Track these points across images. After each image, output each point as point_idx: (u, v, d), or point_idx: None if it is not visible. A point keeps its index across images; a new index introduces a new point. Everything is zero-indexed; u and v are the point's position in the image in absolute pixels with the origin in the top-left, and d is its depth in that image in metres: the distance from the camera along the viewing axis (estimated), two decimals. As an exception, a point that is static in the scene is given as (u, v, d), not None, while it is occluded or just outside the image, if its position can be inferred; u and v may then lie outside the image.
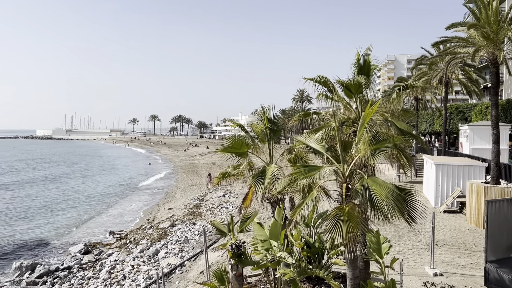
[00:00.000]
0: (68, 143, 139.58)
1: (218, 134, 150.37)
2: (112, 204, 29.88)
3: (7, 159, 70.32)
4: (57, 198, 32.07)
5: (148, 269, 14.81)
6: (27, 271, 15.82)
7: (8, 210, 27.15)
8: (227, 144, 9.13)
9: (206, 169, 45.33)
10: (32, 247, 19.20)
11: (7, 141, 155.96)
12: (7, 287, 14.39)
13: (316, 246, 9.73)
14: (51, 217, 25.13)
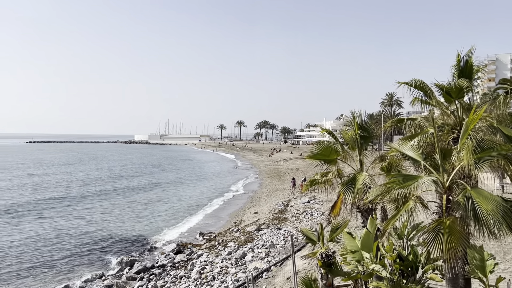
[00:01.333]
0: (162, 148, 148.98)
1: (302, 139, 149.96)
2: (201, 206, 31.19)
3: (134, 161, 76.92)
4: (154, 200, 34.28)
5: (235, 272, 15.18)
6: (127, 267, 17.13)
7: (119, 211, 29.57)
8: (315, 150, 9.02)
9: (291, 174, 45.39)
10: (131, 244, 20.71)
11: (111, 145, 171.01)
12: (110, 280, 15.68)
13: (409, 259, 9.18)
14: (148, 218, 26.92)
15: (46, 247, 19.64)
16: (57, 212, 27.82)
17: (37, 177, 48.68)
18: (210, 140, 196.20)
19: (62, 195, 35.03)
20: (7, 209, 28.62)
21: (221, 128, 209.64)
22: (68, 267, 17.14)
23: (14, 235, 21.95)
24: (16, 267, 16.86)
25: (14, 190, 37.54)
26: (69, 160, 79.65)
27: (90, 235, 22.05)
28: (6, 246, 19.73)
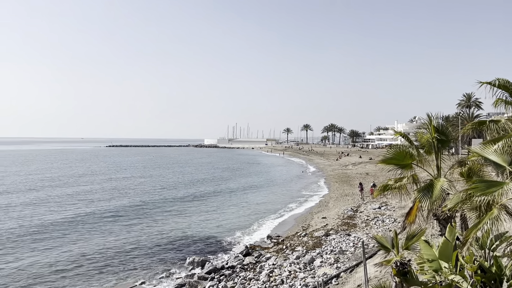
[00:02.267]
0: (230, 151, 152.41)
1: (372, 143, 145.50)
2: (268, 210, 31.41)
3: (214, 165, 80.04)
4: (224, 203, 35.12)
5: (304, 277, 15.09)
6: (198, 267, 17.72)
7: (191, 213, 30.75)
8: (388, 154, 8.73)
9: (359, 179, 44.21)
10: (203, 245, 21.38)
11: (183, 149, 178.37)
12: (182, 279, 16.32)
13: (492, 271, 8.55)
14: (218, 220, 27.64)
15: (124, 246, 20.87)
16: (133, 214, 29.45)
17: (116, 181, 51.93)
18: (276, 144, 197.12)
19: (140, 198, 37.02)
20: (93, 212, 30.78)
21: (287, 132, 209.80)
22: (144, 265, 18.07)
23: (95, 235, 23.56)
24: (98, 264, 18.10)
25: (96, 193, 40.30)
26: (145, 164, 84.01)
27: (165, 236, 23.08)
28: (91, 244, 21.24)
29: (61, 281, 16.07)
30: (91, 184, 45.98)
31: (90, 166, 73.41)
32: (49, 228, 24.26)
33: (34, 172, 59.01)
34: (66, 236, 22.54)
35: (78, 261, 18.35)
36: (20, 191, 39.44)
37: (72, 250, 19.99)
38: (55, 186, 43.55)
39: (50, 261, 18.29)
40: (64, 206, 31.70)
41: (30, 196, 36.20)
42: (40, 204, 32.21)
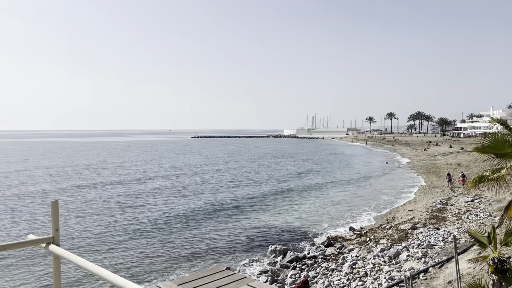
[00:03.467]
0: (310, 141, 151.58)
1: (463, 131, 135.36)
2: (348, 200, 30.79)
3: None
4: (304, 194, 35.13)
5: (389, 270, 14.61)
6: (280, 255, 17.98)
7: (276, 203, 31.30)
8: (484, 143, 8.07)
9: (449, 170, 41.46)
10: (285, 234, 21.65)
11: (263, 139, 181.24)
12: (265, 266, 16.70)
13: None
14: (301, 210, 27.75)
15: (210, 234, 21.85)
16: (221, 203, 30.64)
17: (208, 173, 54.25)
18: (358, 133, 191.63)
19: (227, 190, 38.37)
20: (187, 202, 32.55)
21: (370, 120, 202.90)
22: (229, 252, 18.78)
23: (185, 224, 24.92)
24: (187, 251, 19.14)
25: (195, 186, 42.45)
26: (230, 155, 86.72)
27: (249, 225, 23.75)
28: (185, 232, 22.53)
29: (151, 266, 17.25)
30: (190, 176, 48.64)
31: (193, 157, 77.59)
32: (145, 215, 26.19)
33: (150, 161, 63.90)
34: (157, 224, 24.15)
35: (167, 247, 19.58)
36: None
37: (160, 238, 21.37)
38: (163, 176, 46.76)
39: (143, 248, 19.74)
40: (158, 196, 33.92)
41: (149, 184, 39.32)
42: (141, 195, 34.84)
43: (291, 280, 15.05)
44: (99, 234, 21.32)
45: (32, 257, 16.97)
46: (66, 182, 40.47)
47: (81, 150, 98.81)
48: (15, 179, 42.92)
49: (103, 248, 18.93)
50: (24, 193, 33.47)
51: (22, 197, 31.60)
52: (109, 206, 28.59)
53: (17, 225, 22.89)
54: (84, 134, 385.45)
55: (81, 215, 25.58)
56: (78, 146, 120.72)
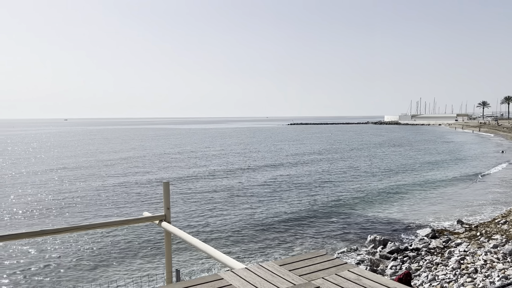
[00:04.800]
0: (414, 128, 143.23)
1: None
2: (457, 191, 28.60)
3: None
4: (407, 183, 33.56)
5: (503, 268, 13.35)
6: (380, 245, 17.45)
7: (378, 192, 30.54)
8: None
9: None
10: (385, 224, 20.95)
11: (362, 126, 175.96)
12: (363, 255, 16.36)
13: None
14: (403, 200, 26.60)
15: (308, 218, 22.00)
16: (325, 189, 30.61)
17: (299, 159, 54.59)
18: (469, 119, 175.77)
19: (333, 177, 38.23)
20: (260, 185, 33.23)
21: (483, 105, 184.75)
22: (326, 238, 18.76)
23: (290, 204, 25.36)
24: (287, 235, 19.52)
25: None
26: (326, 141, 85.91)
27: (348, 212, 23.44)
28: (285, 217, 23.03)
29: (253, 246, 17.91)
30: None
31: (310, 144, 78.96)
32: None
33: (251, 147, 66.80)
34: (260, 208, 24.95)
35: (269, 229, 20.16)
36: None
37: (262, 221, 22.05)
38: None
39: (246, 229, 20.60)
40: (263, 182, 35.02)
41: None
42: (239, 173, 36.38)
43: (391, 271, 14.56)
44: (206, 214, 22.81)
45: (146, 232, 18.77)
46: (177, 165, 43.72)
47: (189, 136, 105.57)
48: (132, 162, 47.55)
49: (210, 227, 20.21)
50: (139, 174, 36.94)
51: (137, 178, 34.92)
52: (216, 189, 30.24)
53: (133, 203, 25.38)
54: (189, 121, 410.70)
55: (190, 196, 27.51)
56: (186, 133, 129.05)
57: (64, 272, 14.26)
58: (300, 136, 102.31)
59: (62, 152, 61.14)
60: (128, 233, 18.53)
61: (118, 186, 31.11)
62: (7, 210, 23.44)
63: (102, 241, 17.51)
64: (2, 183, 33.36)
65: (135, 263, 15.08)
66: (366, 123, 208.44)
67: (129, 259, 15.50)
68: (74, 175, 37.29)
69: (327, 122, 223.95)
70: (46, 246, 16.86)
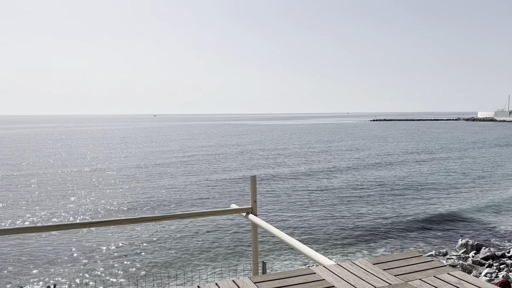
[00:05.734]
0: (509, 125, 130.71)
1: None
2: None
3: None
4: (502, 185, 30.93)
5: None
6: (472, 250, 16.31)
7: (474, 193, 28.68)
8: None
9: None
10: (478, 228, 19.51)
11: (452, 123, 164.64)
12: (454, 260, 15.41)
13: None
14: (497, 202, 24.58)
15: (398, 219, 21.25)
16: (419, 191, 29.40)
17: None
18: None
19: (425, 178, 36.68)
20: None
21: None
22: (415, 240, 17.98)
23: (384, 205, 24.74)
24: (374, 234, 19.05)
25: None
26: (417, 140, 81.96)
27: (438, 213, 22.28)
28: (376, 214, 22.53)
29: (341, 243, 17.74)
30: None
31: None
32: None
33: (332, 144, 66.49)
34: (350, 205, 24.62)
35: (359, 227, 19.81)
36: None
37: (352, 219, 21.73)
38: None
39: (335, 226, 20.46)
40: (353, 177, 34.55)
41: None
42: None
43: (485, 278, 13.56)
44: (290, 208, 23.08)
45: (234, 224, 19.50)
46: (261, 161, 44.66)
47: (269, 132, 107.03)
48: (219, 156, 49.47)
49: (294, 222, 20.40)
50: (225, 169, 38.35)
51: (223, 173, 36.30)
52: (299, 185, 30.40)
53: (221, 195, 26.46)
54: (265, 117, 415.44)
55: (274, 191, 27.98)
56: (266, 129, 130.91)
57: (152, 257, 15.35)
58: (384, 133, 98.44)
59: (152, 147, 65.47)
60: (215, 224, 19.38)
61: (206, 180, 32.63)
62: (111, 199, 25.75)
63: (191, 230, 18.55)
64: (107, 173, 36.65)
65: (221, 253, 15.75)
66: (457, 119, 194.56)
67: (215, 249, 16.23)
68: (167, 168, 39.79)
69: (413, 118, 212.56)
70: (143, 232, 18.25)
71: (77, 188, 29.18)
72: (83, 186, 29.98)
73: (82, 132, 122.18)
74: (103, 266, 14.46)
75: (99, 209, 22.78)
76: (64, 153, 54.96)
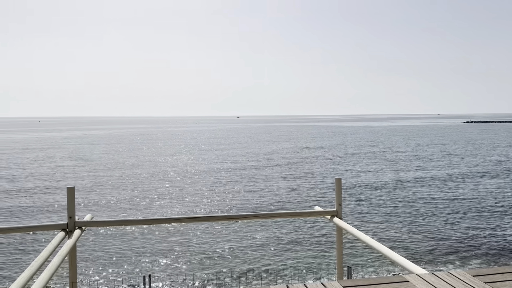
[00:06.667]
0: None
1: None
2: None
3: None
4: None
5: None
6: None
7: None
8: None
9: None
10: None
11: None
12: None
13: None
14: None
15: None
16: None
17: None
18: None
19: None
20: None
21: None
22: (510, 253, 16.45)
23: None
24: (471, 244, 17.79)
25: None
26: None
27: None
28: (475, 224, 21.11)
29: (434, 252, 16.83)
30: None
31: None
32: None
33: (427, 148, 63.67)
34: (448, 211, 23.31)
35: (454, 235, 18.67)
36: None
37: (445, 226, 20.53)
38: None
39: (429, 233, 19.49)
40: (454, 184, 32.73)
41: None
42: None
43: None
44: (378, 212, 22.41)
45: (315, 226, 19.45)
46: (349, 163, 43.89)
47: (353, 134, 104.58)
48: (302, 158, 49.56)
49: (381, 226, 19.75)
50: (310, 170, 38.32)
51: (308, 174, 36.32)
52: (387, 190, 29.25)
53: (304, 197, 26.52)
54: (347, 118, 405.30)
55: (361, 194, 27.37)
56: (348, 131, 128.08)
57: (234, 255, 15.82)
58: (480, 136, 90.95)
59: (237, 148, 67.43)
60: (297, 225, 19.47)
61: (290, 181, 32.92)
62: (204, 195, 27.12)
63: (274, 230, 18.83)
64: (195, 172, 38.63)
65: (303, 255, 15.79)
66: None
67: (298, 250, 16.30)
68: (248, 170, 40.78)
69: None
70: (229, 229, 18.95)
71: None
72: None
73: (178, 132, 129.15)
74: (189, 261, 15.27)
75: (192, 206, 24.09)
76: (192, 151, 58.82)
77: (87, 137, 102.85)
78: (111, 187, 30.41)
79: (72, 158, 51.23)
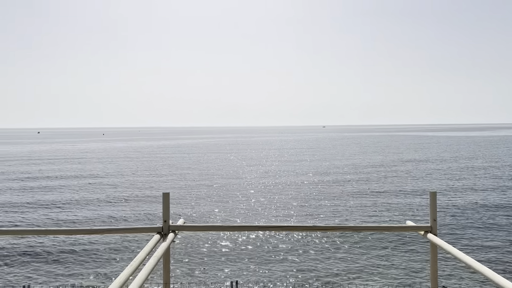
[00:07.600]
0: None
1: None
2: None
3: None
4: None
5: None
6: None
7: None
8: None
9: None
10: None
11: None
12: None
13: None
14: None
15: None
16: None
17: None
18: None
19: None
20: None
21: None
22: None
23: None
24: None
25: None
26: None
27: None
28: None
29: None
30: None
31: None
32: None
33: None
34: None
35: None
36: None
37: None
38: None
39: None
40: None
41: None
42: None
43: None
44: (481, 233, 20.46)
45: (405, 241, 18.46)
46: (445, 176, 41.25)
47: (450, 145, 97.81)
48: (393, 169, 47.54)
49: (485, 247, 18.04)
50: (401, 183, 36.61)
51: (399, 186, 34.73)
52: (490, 205, 26.87)
53: (397, 212, 25.28)
54: (443, 128, 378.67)
55: (457, 209, 25.45)
56: (445, 141, 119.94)
57: (320, 266, 15.55)
58: None
59: (326, 159, 66.63)
60: (385, 240, 18.65)
61: (381, 193, 31.75)
62: (283, 204, 27.31)
63: (361, 244, 18.24)
64: (285, 182, 39.00)
65: (394, 272, 15.07)
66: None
67: (388, 266, 15.60)
68: (340, 179, 40.10)
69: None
70: (313, 240, 18.77)
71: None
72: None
73: (267, 142, 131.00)
74: (275, 269, 15.35)
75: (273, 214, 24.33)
76: (282, 162, 60.37)
77: (179, 146, 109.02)
78: (203, 195, 31.85)
79: (166, 165, 54.69)
